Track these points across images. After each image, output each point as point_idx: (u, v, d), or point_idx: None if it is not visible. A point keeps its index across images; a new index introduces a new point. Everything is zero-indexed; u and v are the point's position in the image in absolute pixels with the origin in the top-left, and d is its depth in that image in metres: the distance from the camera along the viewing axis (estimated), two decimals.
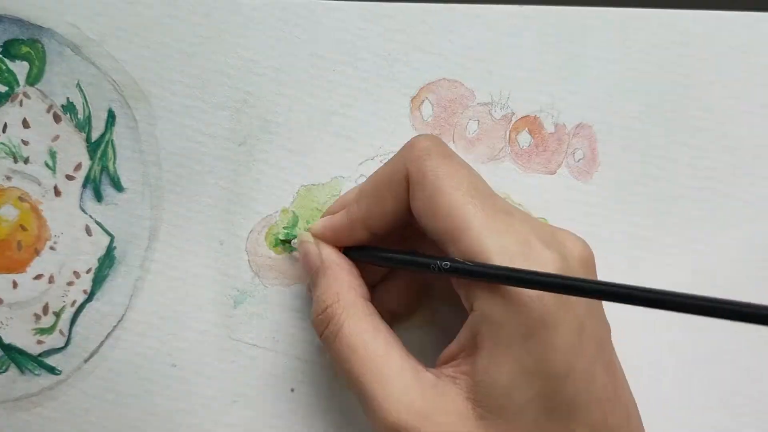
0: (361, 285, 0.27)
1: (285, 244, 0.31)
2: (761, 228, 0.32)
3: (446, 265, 0.23)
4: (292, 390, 0.31)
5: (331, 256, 0.27)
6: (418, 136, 0.26)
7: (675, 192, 0.32)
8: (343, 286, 0.26)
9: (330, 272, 0.27)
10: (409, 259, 0.26)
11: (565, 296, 0.22)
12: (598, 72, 0.32)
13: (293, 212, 0.31)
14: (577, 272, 0.23)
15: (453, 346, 0.25)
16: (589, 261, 0.25)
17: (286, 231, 0.31)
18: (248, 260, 0.31)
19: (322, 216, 0.29)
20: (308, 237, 0.28)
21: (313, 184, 0.31)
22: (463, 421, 0.23)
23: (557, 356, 0.22)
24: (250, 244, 0.31)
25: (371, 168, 0.31)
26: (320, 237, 0.28)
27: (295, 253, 0.31)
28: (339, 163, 0.31)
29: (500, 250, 0.22)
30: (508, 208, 0.25)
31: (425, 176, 0.24)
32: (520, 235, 0.23)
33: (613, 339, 0.25)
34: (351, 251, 0.28)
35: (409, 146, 0.25)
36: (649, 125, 0.32)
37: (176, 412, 0.30)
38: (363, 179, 0.31)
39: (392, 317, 0.29)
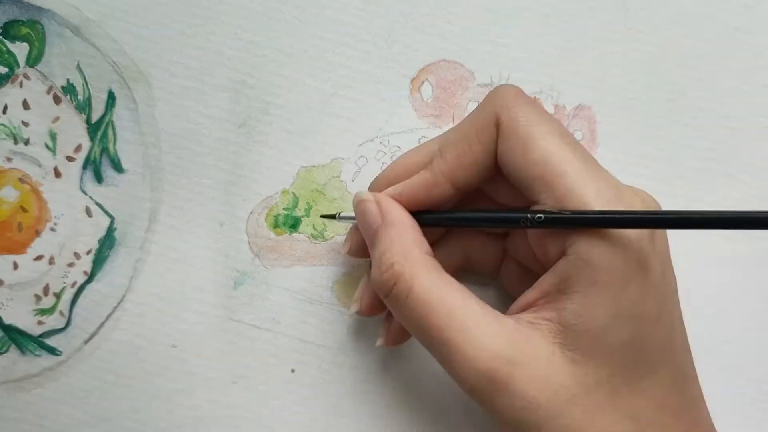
0: (425, 242, 0.26)
1: (329, 218, 0.30)
2: (761, 208, 0.32)
3: (540, 217, 0.23)
4: (293, 371, 0.31)
5: (394, 213, 0.26)
6: (503, 84, 0.25)
7: (675, 173, 0.32)
8: (409, 242, 0.25)
9: (393, 229, 0.25)
10: (501, 216, 0.25)
11: (655, 241, 0.23)
12: (598, 53, 0.32)
13: (293, 193, 0.31)
14: None
15: (530, 294, 0.24)
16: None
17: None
18: (248, 241, 0.31)
19: (381, 178, 0.28)
20: (367, 195, 0.27)
21: (313, 166, 0.31)
22: (553, 365, 0.23)
23: (651, 299, 0.22)
24: (251, 225, 0.31)
25: (371, 149, 0.31)
26: (398, 198, 0.26)
27: (296, 235, 0.31)
28: (339, 145, 0.31)
29: (597, 193, 0.22)
30: (594, 158, 0.25)
31: (518, 121, 0.24)
32: (611, 182, 0.23)
33: None
34: (423, 217, 0.26)
35: (495, 94, 0.25)
36: (649, 106, 0.32)
37: (176, 393, 0.30)
38: (363, 160, 0.31)
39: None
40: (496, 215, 0.26)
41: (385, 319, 0.29)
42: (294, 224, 0.31)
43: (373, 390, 0.31)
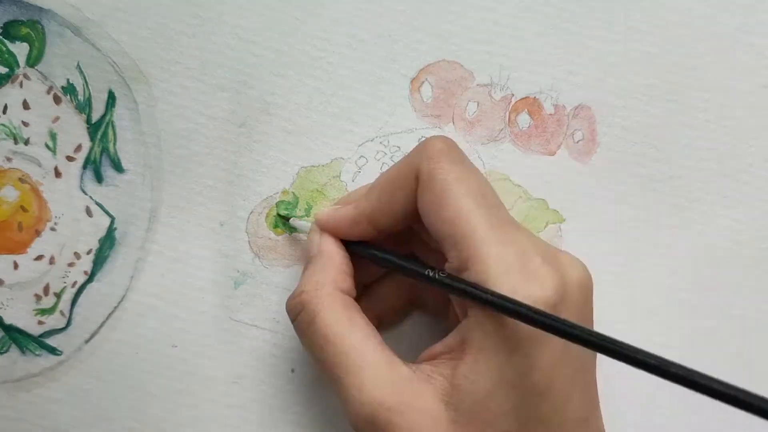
0: (346, 280, 0.27)
1: (282, 219, 0.31)
2: (761, 209, 0.32)
3: (443, 275, 0.24)
4: (293, 371, 0.31)
5: (327, 246, 0.27)
6: (433, 137, 0.26)
7: (674, 173, 0.32)
8: (327, 276, 0.26)
9: (319, 261, 0.27)
10: (407, 265, 0.26)
11: (555, 312, 0.22)
12: (598, 53, 0.32)
13: (293, 193, 0.31)
14: (573, 296, 0.23)
15: (437, 347, 0.25)
16: (587, 286, 0.24)
17: (285, 207, 0.31)
18: (248, 241, 0.31)
19: (334, 205, 0.29)
20: (314, 226, 0.28)
21: (313, 166, 0.31)
22: (435, 421, 0.23)
23: (539, 373, 0.22)
24: (251, 225, 0.31)
25: (371, 149, 0.31)
26: (323, 226, 0.28)
27: (296, 234, 0.31)
28: (339, 145, 0.31)
29: (498, 260, 0.22)
30: (513, 222, 0.25)
31: (435, 178, 0.24)
32: (520, 248, 0.23)
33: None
34: (351, 245, 0.28)
35: (422, 146, 0.25)
36: (649, 106, 0.32)
37: (176, 393, 0.31)
38: (363, 160, 0.31)
39: (379, 323, 0.29)
40: (408, 264, 0.26)
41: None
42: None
43: None
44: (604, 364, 0.24)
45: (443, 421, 0.23)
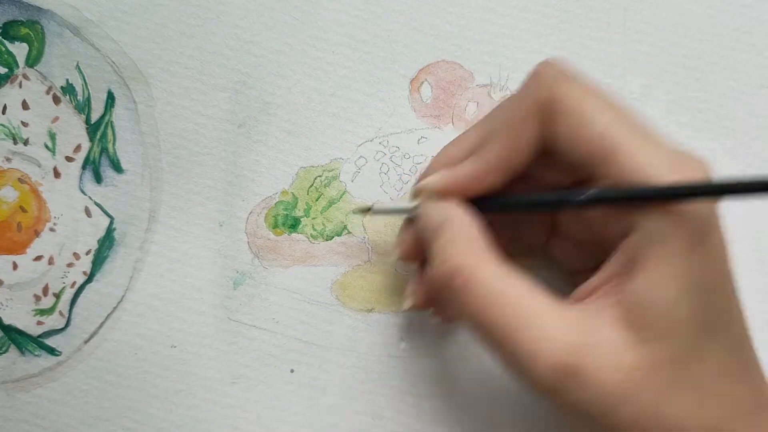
0: (486, 236, 0.25)
1: (362, 212, 0.30)
2: (759, 209, 0.32)
3: (596, 192, 0.23)
4: (292, 371, 0.31)
5: (454, 209, 0.25)
6: (544, 61, 0.24)
7: None
8: (468, 236, 0.24)
9: (453, 225, 0.25)
10: (555, 199, 0.24)
11: (711, 205, 0.22)
12: (598, 53, 0.32)
13: (292, 194, 0.31)
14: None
15: (595, 280, 0.24)
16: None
17: (285, 207, 0.30)
18: (248, 242, 0.31)
19: (430, 168, 0.27)
20: (428, 195, 0.26)
21: (312, 166, 0.31)
22: (622, 348, 0.22)
23: (712, 267, 0.22)
24: (250, 225, 0.31)
25: (370, 149, 0.31)
26: (445, 190, 0.26)
27: (295, 235, 0.31)
28: (338, 145, 0.31)
29: (660, 163, 0.22)
30: (649, 125, 0.24)
31: (568, 100, 0.23)
32: (668, 148, 0.23)
33: None
34: (480, 204, 0.26)
35: (538, 73, 0.24)
36: (648, 106, 0.32)
37: (175, 393, 0.30)
38: (362, 160, 0.31)
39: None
40: (554, 198, 0.25)
41: (417, 275, 0.28)
42: (293, 224, 0.31)
43: (372, 390, 0.31)
44: None
45: (632, 345, 0.22)
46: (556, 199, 0.25)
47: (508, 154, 0.25)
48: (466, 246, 0.24)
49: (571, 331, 0.22)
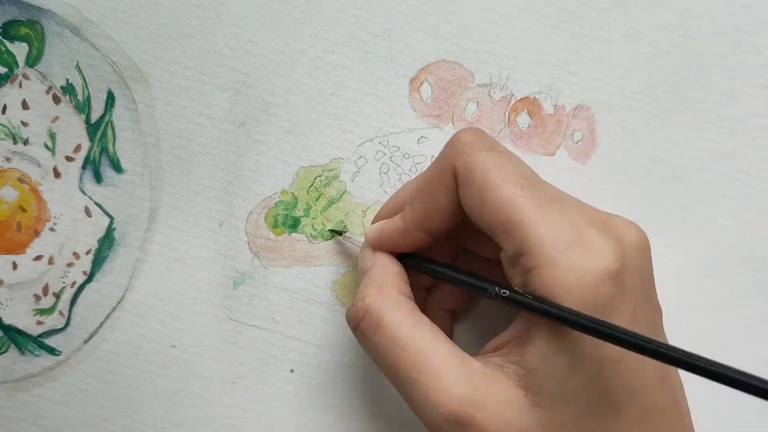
0: (405, 288, 0.26)
1: (333, 233, 0.31)
2: (759, 209, 0.32)
3: (504, 293, 0.23)
4: (291, 371, 0.31)
5: (383, 258, 0.27)
6: (461, 130, 0.25)
7: (674, 173, 0.32)
8: (385, 280, 0.26)
9: (376, 270, 0.26)
10: (466, 280, 0.25)
11: (621, 286, 0.22)
12: (598, 53, 0.32)
13: (292, 194, 0.31)
14: (634, 259, 0.23)
15: (503, 337, 0.25)
16: (645, 246, 0.24)
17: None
18: (248, 241, 0.31)
19: (373, 220, 0.29)
20: (365, 243, 0.28)
21: (312, 166, 0.31)
22: (516, 408, 0.23)
23: (607, 346, 0.22)
24: (250, 225, 0.31)
25: (370, 149, 0.31)
26: (376, 243, 0.27)
27: (295, 235, 0.31)
28: (338, 145, 0.31)
29: (554, 239, 0.22)
30: (558, 195, 0.24)
31: (472, 171, 0.24)
32: (572, 223, 0.23)
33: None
34: (406, 260, 0.27)
35: (453, 142, 0.25)
36: (648, 107, 0.32)
37: (175, 393, 0.30)
38: (362, 160, 0.31)
39: (451, 315, 0.29)
40: (467, 279, 0.26)
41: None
42: (293, 224, 0.31)
43: (372, 390, 0.31)
44: None
45: (525, 407, 0.23)
46: (471, 282, 0.25)
47: (424, 217, 0.26)
48: (380, 288, 0.26)
49: (468, 384, 0.23)
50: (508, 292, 0.23)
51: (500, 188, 0.23)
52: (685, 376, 0.23)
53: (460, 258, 0.30)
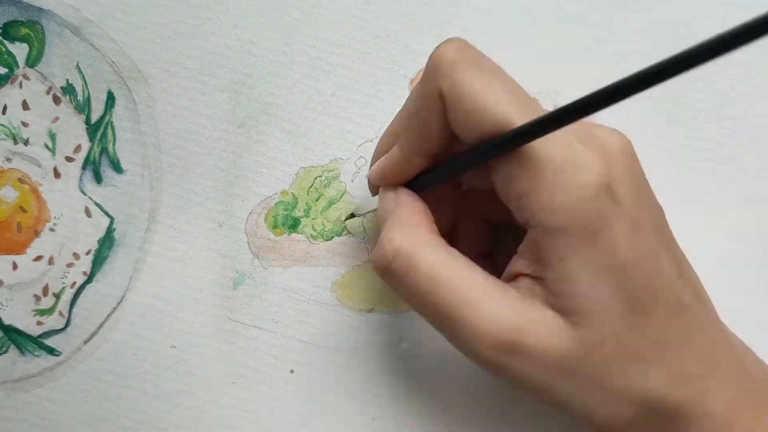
0: (432, 224, 0.25)
1: (352, 217, 0.31)
2: (761, 209, 0.32)
3: (485, 146, 0.23)
4: (292, 371, 0.31)
5: (400, 195, 0.26)
6: (443, 45, 0.24)
7: (673, 173, 0.32)
8: (413, 220, 0.25)
9: (401, 209, 0.25)
10: (456, 164, 0.24)
11: (615, 195, 0.22)
12: (598, 53, 0.32)
13: (292, 194, 0.31)
14: (621, 165, 0.23)
15: (517, 263, 0.24)
16: (629, 150, 0.24)
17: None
18: (248, 242, 0.31)
19: (372, 160, 0.28)
20: (383, 185, 0.27)
21: (312, 166, 0.31)
22: (556, 330, 0.23)
23: (623, 248, 0.22)
24: (250, 225, 0.31)
25: (370, 150, 0.31)
26: (381, 178, 0.27)
27: (295, 235, 0.31)
28: (338, 145, 0.31)
29: (546, 159, 0.22)
30: (544, 111, 0.24)
31: (460, 94, 0.23)
32: (561, 140, 0.23)
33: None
34: (414, 183, 0.26)
35: (435, 60, 0.24)
36: (648, 107, 0.32)
37: (175, 393, 0.30)
38: (362, 161, 0.31)
39: (490, 225, 0.29)
40: (455, 162, 0.25)
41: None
42: (293, 225, 0.31)
43: (371, 390, 0.31)
44: None
45: (565, 328, 0.23)
46: (463, 159, 0.24)
47: (420, 142, 0.25)
48: (407, 227, 0.25)
49: (512, 311, 0.23)
50: (485, 145, 0.23)
51: (491, 111, 0.22)
52: None
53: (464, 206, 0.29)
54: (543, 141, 0.22)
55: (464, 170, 0.25)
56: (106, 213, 0.31)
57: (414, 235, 0.25)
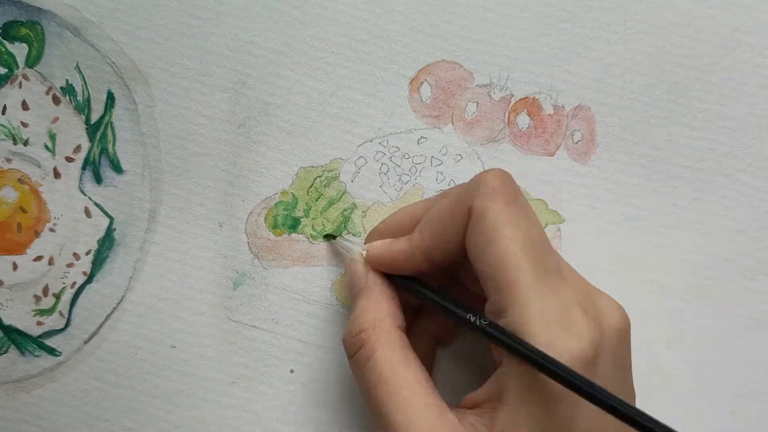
0: (399, 315, 0.27)
1: (328, 237, 0.31)
2: (761, 209, 0.32)
3: (484, 322, 0.24)
4: (292, 371, 0.31)
5: (377, 281, 0.27)
6: (489, 171, 0.25)
7: (673, 173, 0.32)
8: (382, 312, 0.26)
9: (372, 296, 0.27)
10: (450, 308, 0.25)
11: (592, 371, 0.22)
12: (598, 53, 0.32)
13: (292, 194, 0.31)
14: (611, 345, 0.23)
15: (478, 394, 0.25)
16: (624, 333, 0.24)
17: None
18: (248, 242, 0.31)
19: (376, 231, 0.29)
20: (359, 257, 0.28)
21: (312, 166, 0.31)
22: None
23: (583, 417, 0.22)
24: (250, 225, 0.31)
25: (370, 149, 0.31)
26: (377, 260, 0.27)
27: (294, 235, 0.31)
28: (338, 145, 0.31)
29: (538, 313, 0.22)
30: (558, 266, 0.24)
31: (485, 217, 0.24)
32: (562, 301, 0.23)
33: None
34: (398, 280, 0.27)
35: (478, 181, 0.25)
36: (648, 107, 0.32)
37: (175, 394, 0.30)
38: (362, 161, 0.31)
39: (436, 341, 0.29)
40: (451, 306, 0.25)
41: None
42: (293, 225, 0.31)
43: None
44: None
45: None
46: (455, 312, 0.25)
47: (432, 246, 0.26)
48: (376, 320, 0.26)
49: None
50: (487, 321, 0.24)
51: (505, 244, 0.23)
52: None
53: (452, 289, 0.29)
54: (545, 297, 0.22)
55: (449, 316, 0.26)
56: (106, 213, 0.31)
57: (381, 329, 0.25)
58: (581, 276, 0.26)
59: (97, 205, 0.31)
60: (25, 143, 0.31)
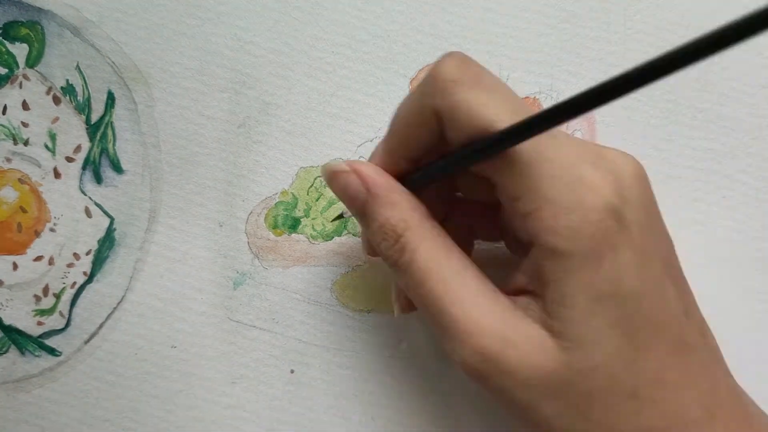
0: (420, 205, 0.25)
1: (340, 217, 0.30)
2: (761, 209, 0.32)
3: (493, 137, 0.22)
4: (292, 371, 0.31)
5: (380, 179, 0.24)
6: (442, 61, 0.23)
7: (673, 173, 0.32)
8: (406, 208, 0.24)
9: (385, 197, 0.24)
10: (461, 155, 0.23)
11: (623, 221, 0.21)
12: (598, 53, 0.32)
13: (292, 194, 0.31)
14: (631, 188, 0.22)
15: (519, 279, 0.24)
16: (642, 176, 0.23)
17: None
18: (248, 242, 0.31)
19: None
20: (340, 166, 0.25)
21: (312, 166, 0.31)
22: (544, 350, 0.22)
23: (627, 277, 0.21)
24: (250, 225, 0.31)
25: (370, 149, 0.31)
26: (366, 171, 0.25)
27: (295, 235, 0.31)
28: (338, 145, 0.31)
29: (551, 179, 0.21)
30: (551, 131, 0.23)
31: (458, 113, 0.22)
32: (568, 160, 0.22)
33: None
34: (412, 178, 0.25)
35: (434, 78, 0.23)
36: (648, 106, 0.32)
37: (176, 393, 0.30)
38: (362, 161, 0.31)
39: (474, 234, 0.28)
40: (468, 150, 0.23)
41: (396, 288, 0.28)
42: (293, 225, 0.31)
43: (372, 390, 0.31)
44: None
45: (554, 350, 0.22)
46: (472, 150, 0.23)
47: (406, 149, 0.24)
48: (407, 218, 0.24)
49: (500, 319, 0.22)
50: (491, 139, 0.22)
51: (491, 127, 0.22)
52: None
53: (455, 205, 0.28)
54: (550, 160, 0.21)
55: (456, 169, 0.24)
56: (106, 213, 0.31)
57: (413, 225, 0.24)
58: (578, 138, 0.24)
59: (97, 205, 0.31)
60: (26, 143, 0.31)
